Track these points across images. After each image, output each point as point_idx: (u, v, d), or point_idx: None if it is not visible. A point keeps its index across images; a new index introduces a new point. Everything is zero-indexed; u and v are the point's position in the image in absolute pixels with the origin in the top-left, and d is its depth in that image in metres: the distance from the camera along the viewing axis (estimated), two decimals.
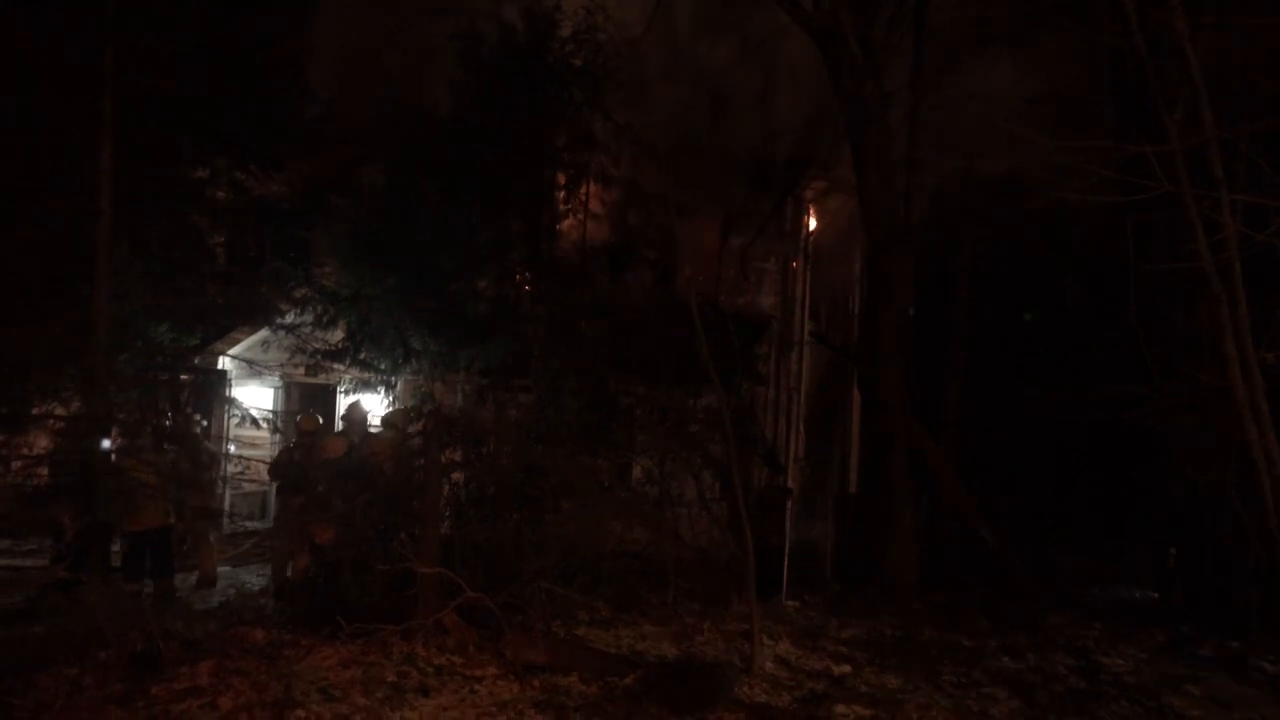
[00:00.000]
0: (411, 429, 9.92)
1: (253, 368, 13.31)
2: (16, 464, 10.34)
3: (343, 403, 12.82)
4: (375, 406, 12.55)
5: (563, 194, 14.48)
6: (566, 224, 15.04)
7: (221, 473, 12.02)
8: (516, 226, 13.40)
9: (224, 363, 13.99)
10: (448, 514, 8.55)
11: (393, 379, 12.75)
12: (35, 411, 10.37)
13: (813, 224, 14.16)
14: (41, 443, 10.85)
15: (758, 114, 15.51)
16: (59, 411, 10.31)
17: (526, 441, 9.44)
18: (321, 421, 11.36)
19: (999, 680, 7.80)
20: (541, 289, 13.21)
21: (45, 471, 10.14)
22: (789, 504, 11.21)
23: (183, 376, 12.27)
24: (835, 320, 15.43)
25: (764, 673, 7.57)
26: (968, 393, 15.16)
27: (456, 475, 8.86)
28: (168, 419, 11.09)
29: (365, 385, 12.73)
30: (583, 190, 14.87)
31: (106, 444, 10.14)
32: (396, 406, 12.29)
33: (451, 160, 12.48)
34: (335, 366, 12.58)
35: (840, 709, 6.87)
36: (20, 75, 9.26)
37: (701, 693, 6.87)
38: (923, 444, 11.94)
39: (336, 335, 12.35)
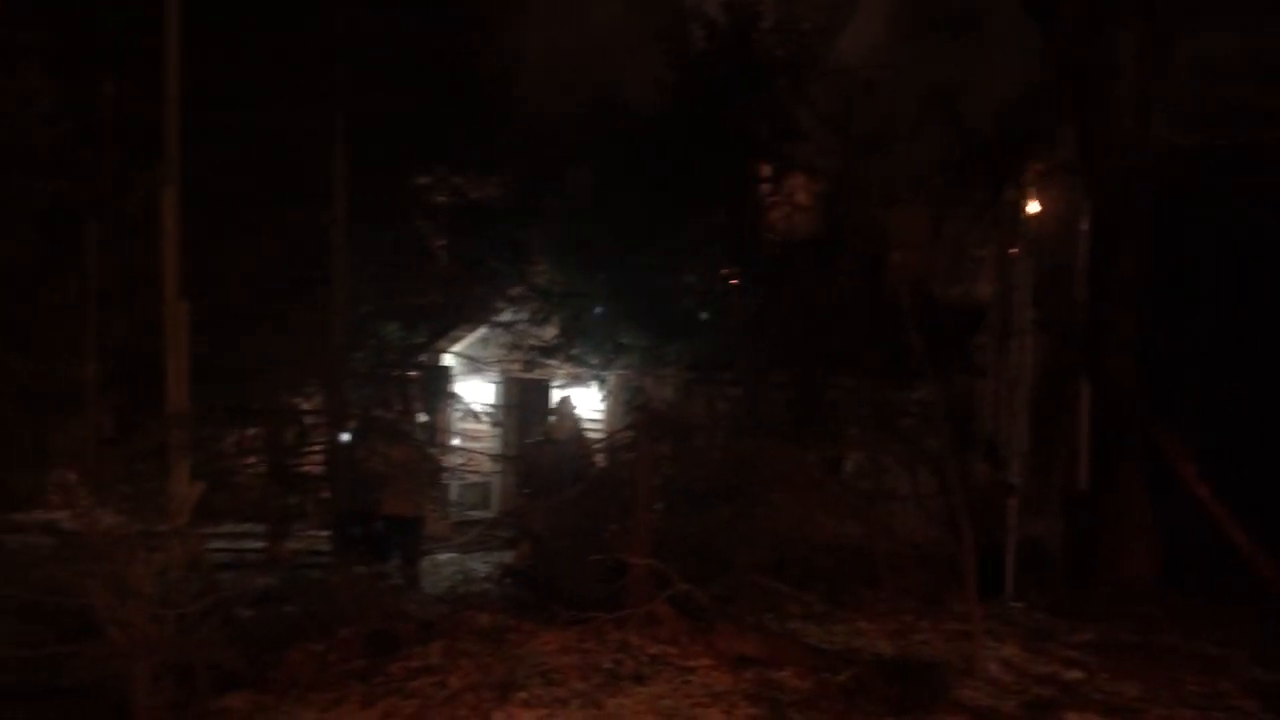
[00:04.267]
0: (622, 423, 10.13)
1: (473, 364, 13.93)
2: (253, 458, 11.27)
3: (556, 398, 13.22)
4: (589, 401, 12.88)
5: (768, 187, 14.39)
6: (772, 216, 14.94)
7: (447, 465, 12.63)
8: (722, 221, 13.42)
9: (447, 360, 14.70)
10: (658, 506, 8.67)
11: (604, 374, 13.04)
12: (282, 405, 11.26)
13: (1032, 208, 13.50)
14: (288, 435, 11.76)
15: (971, 95, 14.91)
16: (304, 405, 11.16)
17: (735, 434, 9.46)
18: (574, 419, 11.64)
19: (1251, 693, 7.19)
20: (747, 282, 13.20)
21: (292, 461, 11.00)
22: (1011, 500, 10.74)
23: (410, 373, 13.00)
24: (1059, 307, 14.64)
25: (987, 675, 7.28)
26: (1208, 378, 14.03)
27: (666, 468, 8.97)
28: (398, 413, 11.77)
29: (578, 380, 13.09)
30: (788, 182, 14.74)
31: (345, 436, 10.87)
32: (609, 401, 12.58)
33: (657, 157, 12.64)
34: (549, 362, 13.00)
35: (1071, 716, 6.52)
36: (259, 97, 10.04)
37: (919, 693, 6.67)
38: (1158, 435, 11.18)
39: (550, 332, 12.75)
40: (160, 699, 6.15)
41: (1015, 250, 13.28)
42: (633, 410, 10.53)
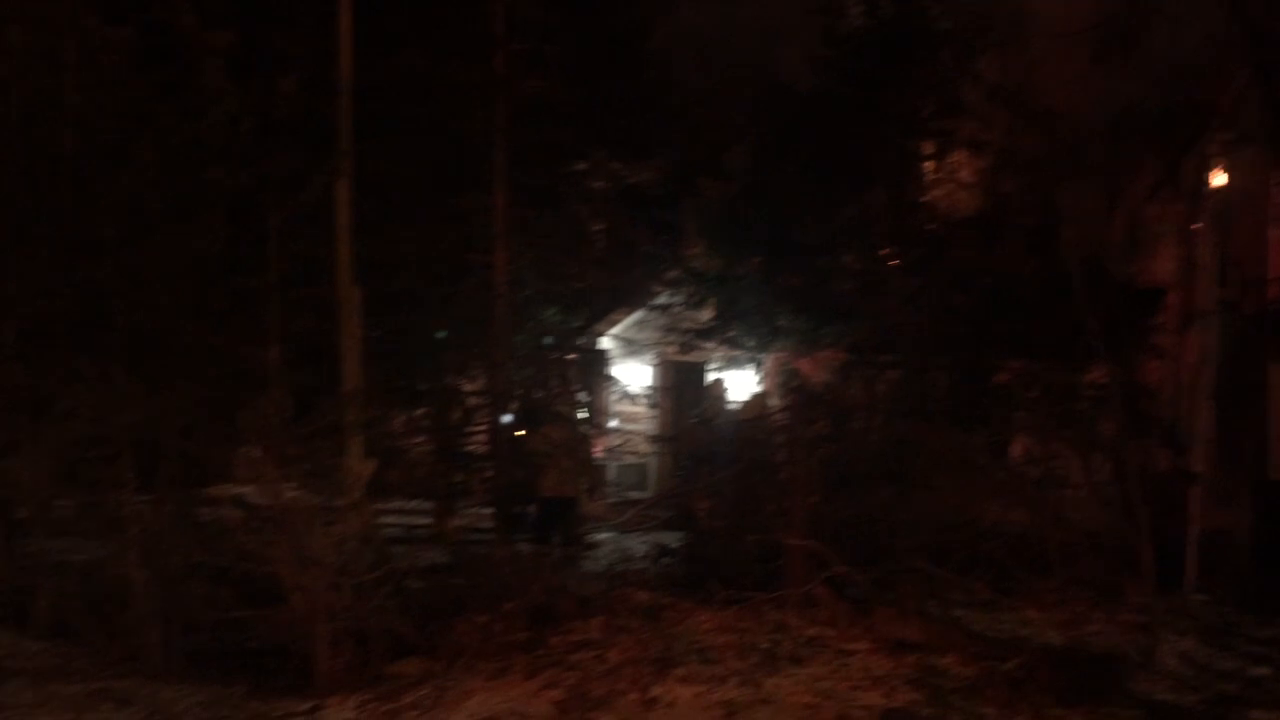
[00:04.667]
0: (778, 404, 10.09)
1: (630, 347, 14.10)
2: (421, 437, 11.69)
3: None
4: (744, 383, 12.85)
5: (929, 164, 13.99)
6: (934, 194, 14.53)
7: (605, 446, 12.84)
8: (881, 200, 13.14)
9: (604, 342, 14.92)
10: (815, 488, 8.60)
11: (760, 356, 12.99)
12: (447, 387, 11.67)
13: (1217, 181, 12.67)
14: (453, 415, 12.18)
15: (1148, 63, 14.10)
16: (468, 387, 11.55)
17: (894, 417, 9.27)
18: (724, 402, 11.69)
19: None
20: (908, 262, 12.89)
21: (457, 440, 11.40)
22: (1193, 489, 10.16)
23: (568, 356, 13.26)
24: (1245, 286, 13.72)
25: (1164, 669, 6.92)
26: None
27: (823, 450, 8.87)
28: (557, 395, 12.04)
29: (734, 362, 13.08)
30: (951, 159, 14.29)
31: (507, 418, 11.19)
32: (765, 383, 12.53)
33: (814, 137, 12.47)
34: (705, 345, 13.03)
35: (1256, 714, 6.15)
36: (423, 90, 10.38)
37: (1091, 684, 6.41)
38: None
39: (706, 314, 12.78)
40: (339, 662, 6.51)
41: (1198, 226, 12.50)
42: (789, 392, 10.45)
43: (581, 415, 11.84)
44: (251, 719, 5.92)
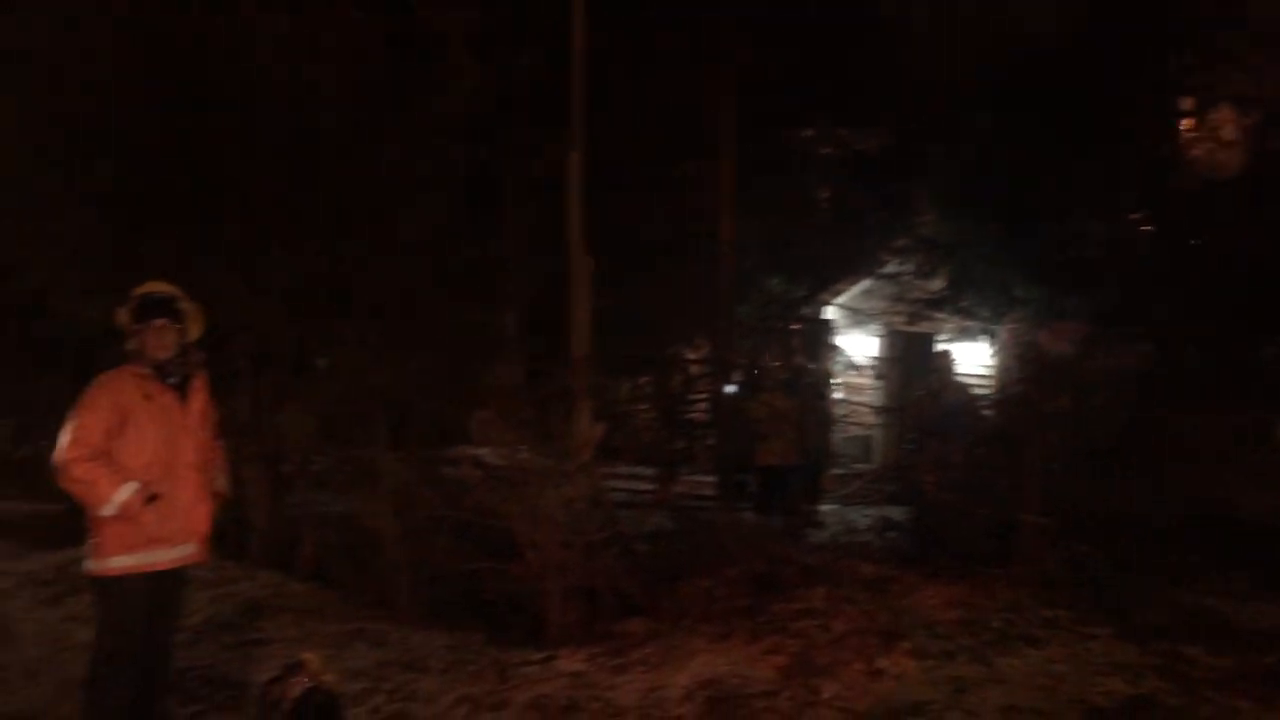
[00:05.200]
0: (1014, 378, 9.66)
1: (856, 316, 13.85)
2: (644, 404, 11.88)
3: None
4: (977, 355, 12.38)
5: (1187, 122, 12.94)
6: (1191, 155, 13.44)
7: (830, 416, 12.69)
8: (1130, 161, 12.28)
9: (828, 312, 14.72)
10: (1054, 465, 8.20)
11: (994, 327, 12.47)
12: (671, 355, 11.85)
13: None
14: (676, 383, 12.35)
15: None
16: (691, 355, 11.68)
17: (1144, 394, 8.70)
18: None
19: None
20: (1161, 227, 12.00)
21: (681, 408, 11.56)
22: None
23: (792, 325, 13.17)
24: None
25: None
26: None
27: (1063, 425, 8.44)
28: (781, 365, 11.99)
29: (966, 333, 12.62)
30: (1213, 116, 13.16)
31: (730, 388, 11.25)
32: (1000, 355, 12.02)
33: (1054, 96, 11.77)
34: (936, 315, 12.62)
35: None
36: (652, 59, 10.50)
37: None
38: None
39: (937, 284, 12.38)
40: (570, 616, 6.78)
41: None
42: (1027, 365, 9.97)
43: (806, 385, 11.73)
44: (491, 665, 6.23)
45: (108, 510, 4.28)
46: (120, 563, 4.38)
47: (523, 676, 6.07)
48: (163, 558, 4.46)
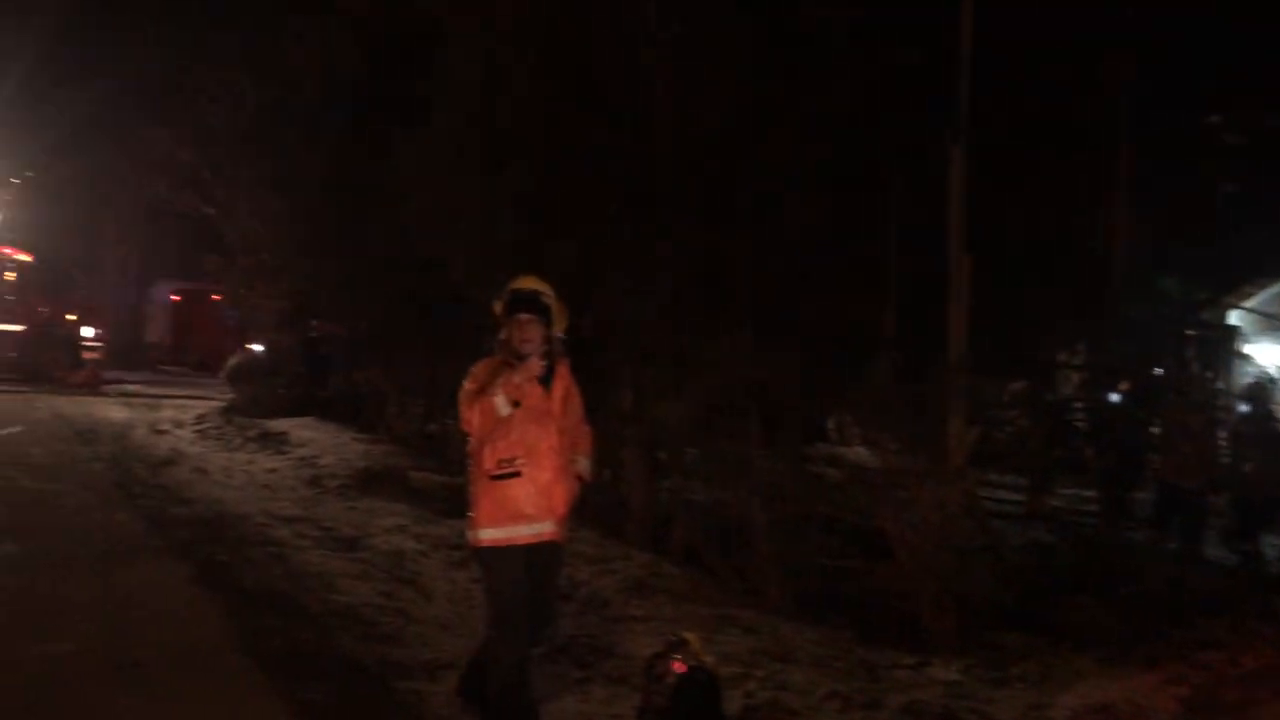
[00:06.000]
0: None
1: (1269, 323, 12.42)
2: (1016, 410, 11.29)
3: None
4: None
5: None
6: None
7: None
8: None
9: (1234, 317, 13.30)
10: None
11: None
12: (1048, 359, 11.20)
13: None
14: (1053, 389, 11.66)
15: None
16: (1070, 360, 10.98)
17: None
18: None
19: None
20: None
21: (1058, 416, 10.90)
22: None
23: (1188, 331, 12.03)
24: None
25: None
26: None
27: None
28: (1176, 374, 10.99)
29: None
30: None
31: (1114, 395, 10.47)
32: None
33: None
34: None
35: None
36: (1041, 50, 9.94)
37: None
38: None
39: None
40: (943, 623, 6.61)
41: None
42: None
43: (1206, 397, 10.65)
44: (860, 664, 6.21)
45: (503, 409, 4.62)
46: (488, 534, 4.79)
47: (894, 680, 6.00)
48: (523, 533, 4.77)
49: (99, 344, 24.93)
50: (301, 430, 14.78)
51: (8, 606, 5.19)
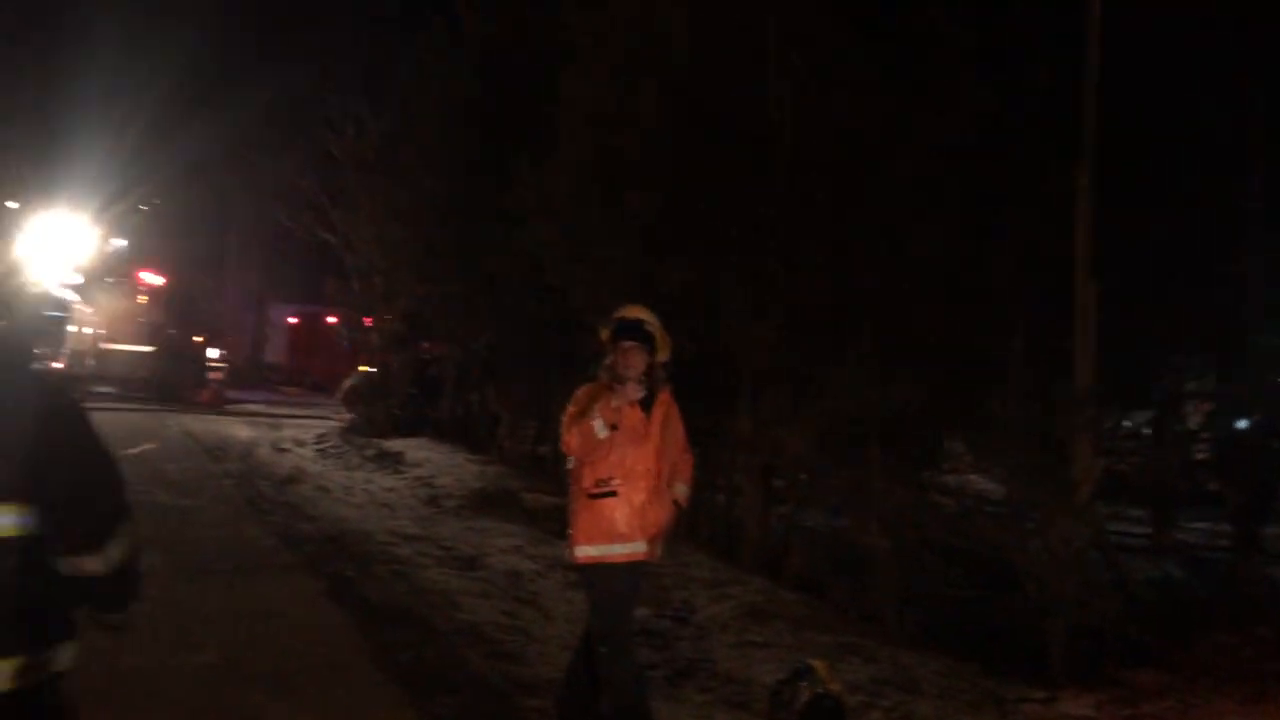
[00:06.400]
0: None
1: None
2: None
3: None
4: None
5: None
6: None
7: None
8: None
9: None
10: None
11: None
12: (1176, 389, 10.82)
13: None
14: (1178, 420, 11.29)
15: None
16: (1198, 388, 10.59)
17: None
18: None
19: None
20: None
21: (1186, 448, 10.53)
22: None
23: None
24: None
25: None
26: None
27: None
28: None
29: None
30: None
31: (1242, 423, 10.09)
32: None
33: None
34: None
35: None
36: (1172, 69, 9.62)
37: None
38: None
39: None
40: (1074, 657, 6.45)
41: None
42: None
43: None
44: (988, 696, 6.10)
45: (600, 432, 4.69)
46: (584, 551, 4.88)
47: (1023, 714, 5.89)
48: (618, 552, 4.85)
49: (222, 364, 25.87)
50: (416, 450, 15.15)
51: (158, 617, 5.44)
